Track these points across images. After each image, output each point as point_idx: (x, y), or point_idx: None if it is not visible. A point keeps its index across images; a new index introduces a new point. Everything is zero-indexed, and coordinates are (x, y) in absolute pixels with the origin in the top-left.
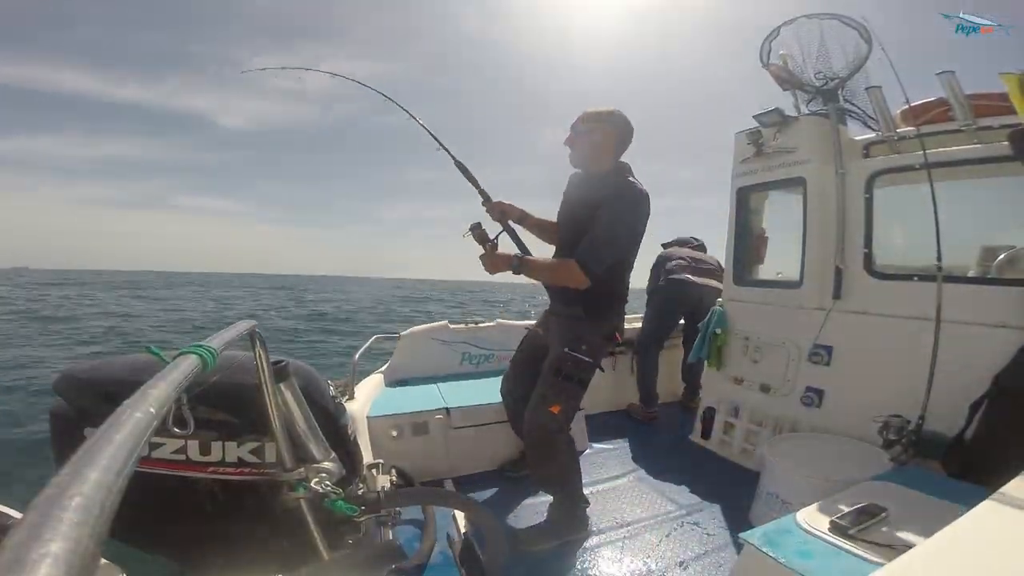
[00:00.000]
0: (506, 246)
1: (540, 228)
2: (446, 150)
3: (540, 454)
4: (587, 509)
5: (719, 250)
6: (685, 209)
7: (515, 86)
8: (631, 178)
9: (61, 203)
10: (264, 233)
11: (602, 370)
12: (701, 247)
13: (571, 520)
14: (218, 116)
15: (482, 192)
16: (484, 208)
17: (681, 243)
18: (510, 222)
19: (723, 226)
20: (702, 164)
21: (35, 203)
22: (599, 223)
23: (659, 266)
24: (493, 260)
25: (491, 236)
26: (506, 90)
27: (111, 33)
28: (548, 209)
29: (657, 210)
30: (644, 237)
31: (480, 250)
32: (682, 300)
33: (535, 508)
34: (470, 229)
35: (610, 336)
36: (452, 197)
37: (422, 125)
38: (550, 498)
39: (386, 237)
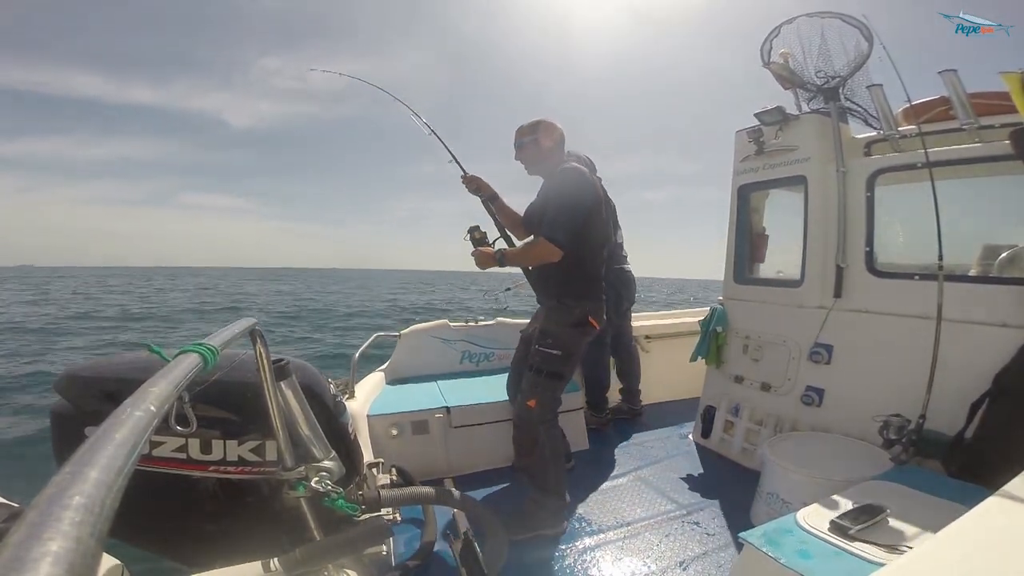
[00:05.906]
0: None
1: (504, 214)
2: (419, 116)
3: (521, 444)
4: (570, 508)
5: (719, 250)
6: (686, 200)
7: (513, 83)
8: (570, 163)
9: (67, 202)
10: (282, 229)
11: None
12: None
13: (542, 514)
14: (226, 115)
15: (460, 164)
16: (461, 180)
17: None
18: (483, 199)
19: (717, 216)
20: (703, 159)
21: (40, 202)
22: (549, 201)
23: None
24: (481, 257)
25: (489, 239)
26: (505, 86)
27: (121, 37)
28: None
29: (654, 203)
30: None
31: (471, 248)
32: (628, 293)
33: None
34: (468, 231)
35: (580, 322)
36: (449, 194)
37: (404, 104)
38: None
39: (393, 231)
